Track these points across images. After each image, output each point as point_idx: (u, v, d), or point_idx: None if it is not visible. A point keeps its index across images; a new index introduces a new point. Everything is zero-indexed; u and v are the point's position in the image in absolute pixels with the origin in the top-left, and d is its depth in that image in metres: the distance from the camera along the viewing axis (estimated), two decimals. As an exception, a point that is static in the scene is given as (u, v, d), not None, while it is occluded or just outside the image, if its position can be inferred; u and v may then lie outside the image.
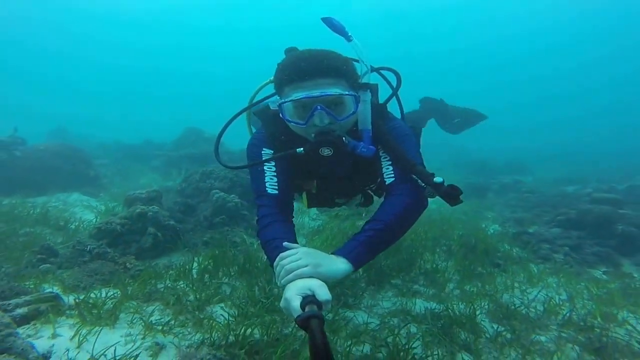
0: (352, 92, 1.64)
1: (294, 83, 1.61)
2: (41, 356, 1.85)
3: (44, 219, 4.67)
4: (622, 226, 4.20)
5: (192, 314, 2.58)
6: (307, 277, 1.36)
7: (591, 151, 18.27)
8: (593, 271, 3.92)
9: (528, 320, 2.88)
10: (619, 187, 7.36)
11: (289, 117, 1.66)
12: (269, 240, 1.60)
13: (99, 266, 3.26)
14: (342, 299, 3.06)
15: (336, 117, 1.62)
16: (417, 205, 1.77)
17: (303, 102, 1.60)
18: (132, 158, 12.36)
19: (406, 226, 1.77)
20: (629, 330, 2.72)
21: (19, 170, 6.21)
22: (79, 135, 16.61)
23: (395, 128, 1.87)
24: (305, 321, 1.10)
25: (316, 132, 1.63)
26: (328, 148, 1.62)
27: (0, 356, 1.69)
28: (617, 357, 2.40)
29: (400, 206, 1.71)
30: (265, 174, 1.78)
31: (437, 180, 1.63)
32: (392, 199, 1.75)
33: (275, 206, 1.73)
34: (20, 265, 3.22)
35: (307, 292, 1.27)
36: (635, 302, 3.19)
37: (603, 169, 11.80)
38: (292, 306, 1.23)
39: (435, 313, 2.89)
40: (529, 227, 5.20)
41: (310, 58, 1.62)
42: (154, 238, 3.91)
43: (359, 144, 1.69)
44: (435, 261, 3.88)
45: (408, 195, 1.73)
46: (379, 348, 2.35)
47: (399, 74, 1.97)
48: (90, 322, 2.29)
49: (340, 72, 1.63)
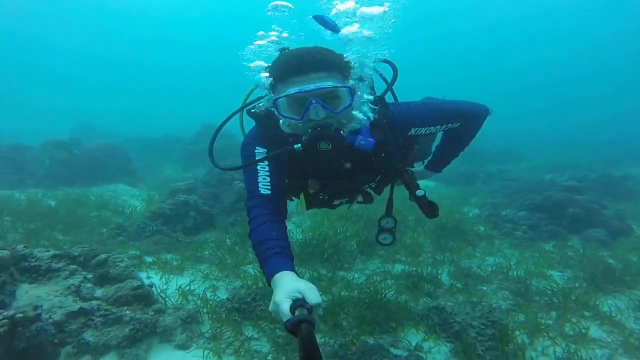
0: (347, 85, 1.59)
1: (287, 79, 1.57)
2: (148, 284, 2.90)
3: (104, 205, 5.76)
4: (572, 209, 5.05)
5: (232, 270, 3.61)
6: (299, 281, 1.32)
7: (591, 138, 18.60)
8: (544, 245, 4.80)
9: (479, 277, 3.82)
10: (591, 176, 8.10)
11: (284, 113, 1.61)
12: (260, 242, 1.55)
13: (159, 239, 4.32)
14: (339, 264, 4.04)
15: (332, 110, 1.56)
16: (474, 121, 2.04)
17: (297, 96, 1.55)
18: (154, 150, 13.18)
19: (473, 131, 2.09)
20: (549, 282, 3.63)
21: (77, 166, 7.38)
22: (104, 130, 17.52)
23: (395, 119, 1.83)
24: (295, 325, 1.08)
25: (313, 126, 1.56)
26: (326, 142, 1.55)
27: (127, 280, 2.75)
28: (535, 298, 3.34)
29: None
30: (259, 174, 1.72)
31: (419, 194, 1.81)
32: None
33: (267, 207, 1.66)
34: (103, 237, 4.29)
35: (297, 296, 1.22)
36: (566, 264, 4.10)
37: (590, 157, 12.40)
38: (282, 309, 1.18)
39: (409, 273, 3.85)
40: (502, 210, 6.05)
41: (302, 54, 1.59)
42: (194, 220, 4.93)
43: (357, 137, 1.64)
44: (415, 238, 4.81)
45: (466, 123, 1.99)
46: (363, 292, 3.32)
47: (396, 67, 1.92)
48: (166, 272, 3.34)
49: (333, 66, 1.59)
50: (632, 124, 23.19)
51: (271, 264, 1.44)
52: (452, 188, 8.83)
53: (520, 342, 2.59)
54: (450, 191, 8.44)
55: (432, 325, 2.82)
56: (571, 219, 4.97)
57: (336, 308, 2.95)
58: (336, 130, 1.58)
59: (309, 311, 1.16)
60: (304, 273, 3.73)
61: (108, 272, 2.93)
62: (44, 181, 7.14)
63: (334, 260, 4.05)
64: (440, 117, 1.88)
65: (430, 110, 1.89)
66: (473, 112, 1.97)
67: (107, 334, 2.39)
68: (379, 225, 2.15)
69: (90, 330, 2.40)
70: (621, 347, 2.63)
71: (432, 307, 2.97)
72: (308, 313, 1.14)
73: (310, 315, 1.14)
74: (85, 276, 2.88)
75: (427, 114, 1.87)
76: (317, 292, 1.26)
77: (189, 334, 2.57)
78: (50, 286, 2.72)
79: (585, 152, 14.27)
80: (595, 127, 24.05)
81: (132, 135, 16.08)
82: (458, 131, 1.98)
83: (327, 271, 3.83)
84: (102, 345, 2.32)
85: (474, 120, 1.99)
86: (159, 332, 2.52)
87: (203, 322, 2.72)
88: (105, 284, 2.89)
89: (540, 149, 15.86)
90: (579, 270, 3.85)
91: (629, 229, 4.95)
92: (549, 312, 3.05)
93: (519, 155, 14.40)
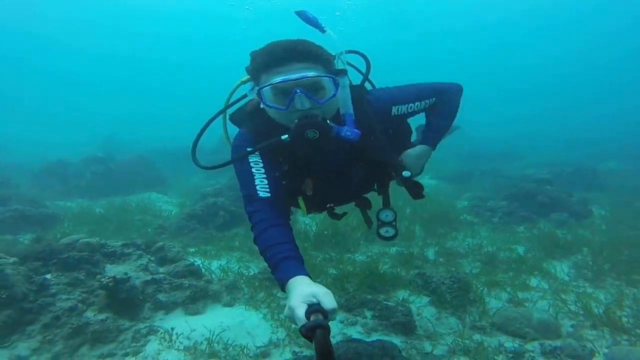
0: (330, 75, 1.58)
1: (271, 69, 1.55)
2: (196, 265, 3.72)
3: (145, 210, 6.64)
4: (540, 197, 5.79)
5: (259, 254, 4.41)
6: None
7: (585, 135, 18.97)
8: (517, 227, 5.53)
9: (458, 254, 4.57)
10: (567, 170, 8.82)
11: (269, 103, 1.58)
12: (267, 247, 1.52)
13: (196, 234, 5.15)
14: (346, 249, 4.81)
15: (317, 100, 1.54)
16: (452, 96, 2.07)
17: (281, 86, 1.53)
18: (179, 161, 13.89)
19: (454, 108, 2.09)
20: (512, 254, 4.38)
21: (114, 178, 8.34)
22: (128, 143, 18.19)
23: (376, 102, 1.83)
24: (310, 331, 1.06)
25: (299, 116, 1.54)
26: (313, 130, 1.52)
27: (180, 261, 3.58)
28: (500, 266, 4.08)
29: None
30: (255, 177, 1.66)
31: (405, 175, 1.86)
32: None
33: (269, 210, 1.61)
34: (149, 236, 5.13)
35: (312, 300, 1.20)
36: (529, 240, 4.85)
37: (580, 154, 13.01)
38: (297, 315, 1.17)
39: (402, 252, 4.61)
40: (487, 202, 6.77)
41: (284, 44, 1.58)
42: (224, 218, 5.76)
43: (342, 127, 1.62)
44: (408, 226, 5.57)
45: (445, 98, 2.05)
46: (364, 268, 4.08)
47: (368, 58, 1.92)
48: (207, 258, 4.16)
49: (316, 57, 1.58)
50: (621, 121, 23.48)
51: (284, 270, 1.42)
52: (449, 185, 9.58)
53: (480, 292, 3.35)
54: (447, 188, 9.19)
55: (416, 286, 3.58)
56: (539, 205, 5.70)
57: (342, 279, 3.72)
58: (323, 119, 1.56)
59: (324, 316, 1.13)
60: (317, 256, 4.50)
61: (166, 255, 3.75)
62: (88, 192, 8.08)
63: (342, 246, 4.84)
64: (416, 94, 1.94)
65: (406, 88, 1.96)
66: (445, 88, 2.05)
67: (174, 295, 3.20)
68: (378, 219, 2.10)
69: (161, 293, 3.22)
70: (550, 290, 3.48)
71: (417, 273, 3.74)
72: (323, 318, 1.12)
73: (325, 320, 1.12)
74: (149, 258, 3.70)
75: (404, 92, 1.94)
76: (333, 297, 1.24)
77: (233, 296, 3.37)
78: (126, 265, 3.55)
79: (576, 150, 14.85)
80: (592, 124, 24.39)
81: (158, 147, 16.73)
82: (437, 106, 2.04)
83: (335, 254, 4.61)
84: (171, 302, 3.13)
85: (447, 94, 2.04)
86: (211, 295, 3.32)
87: (242, 288, 3.52)
88: (164, 264, 3.71)
89: (537, 149, 16.42)
90: (537, 244, 4.60)
91: (589, 213, 5.68)
92: (507, 273, 3.81)
93: (517, 155, 14.96)
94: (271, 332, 2.79)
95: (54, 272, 3.05)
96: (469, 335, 2.78)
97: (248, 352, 2.52)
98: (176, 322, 2.90)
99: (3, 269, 2.58)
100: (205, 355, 2.49)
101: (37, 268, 3.03)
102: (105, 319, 2.69)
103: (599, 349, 2.56)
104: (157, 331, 2.74)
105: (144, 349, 2.56)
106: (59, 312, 2.62)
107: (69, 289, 2.87)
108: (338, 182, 1.94)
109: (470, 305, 3.15)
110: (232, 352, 2.50)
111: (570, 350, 2.56)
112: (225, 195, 6.77)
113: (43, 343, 2.44)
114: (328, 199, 2.06)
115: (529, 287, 3.53)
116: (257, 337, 2.71)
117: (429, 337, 2.77)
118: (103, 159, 8.69)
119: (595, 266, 3.94)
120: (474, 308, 3.12)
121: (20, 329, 2.50)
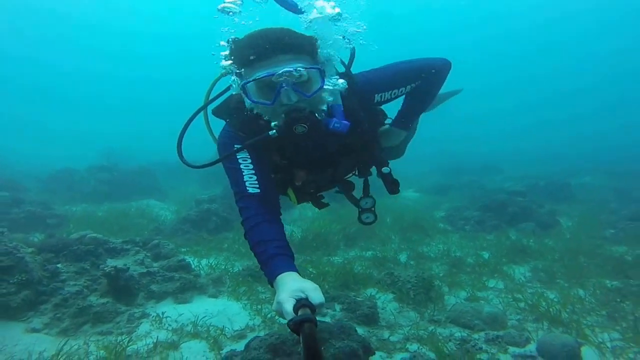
0: (316, 66, 1.50)
1: (255, 63, 1.45)
2: (186, 261, 4.03)
3: (142, 215, 6.96)
4: (511, 208, 6.15)
5: (245, 255, 4.72)
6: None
7: (564, 152, 19.31)
8: (487, 235, 5.86)
9: (428, 258, 4.89)
10: (540, 184, 9.20)
11: (254, 99, 1.50)
12: (257, 243, 1.49)
13: (189, 237, 5.47)
14: (327, 252, 5.13)
15: (304, 93, 1.46)
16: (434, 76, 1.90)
17: (266, 81, 1.45)
18: (176, 172, 14.30)
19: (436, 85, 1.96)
20: (478, 259, 4.70)
21: (116, 185, 8.71)
22: (128, 154, 18.60)
23: (361, 86, 1.75)
24: (298, 325, 1.05)
25: (286, 111, 1.46)
26: (302, 125, 1.44)
27: (173, 257, 3.89)
28: (467, 270, 4.40)
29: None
30: (243, 173, 1.61)
31: (385, 171, 1.85)
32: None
33: (259, 206, 1.57)
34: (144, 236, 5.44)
35: (300, 295, 1.19)
36: (495, 247, 5.17)
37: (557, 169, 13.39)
38: (285, 309, 1.15)
39: (377, 256, 4.92)
40: (463, 212, 7.11)
41: (268, 35, 1.48)
42: (216, 223, 6.08)
43: (331, 119, 1.55)
44: (386, 232, 5.90)
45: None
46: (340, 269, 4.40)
47: (354, 49, 1.85)
48: (197, 256, 4.48)
49: (302, 48, 1.49)
50: (603, 139, 23.79)
51: (272, 266, 1.41)
52: (431, 197, 9.93)
53: (441, 291, 3.67)
54: (428, 200, 9.54)
55: (384, 285, 3.89)
56: (510, 215, 6.05)
57: (320, 277, 4.03)
58: (311, 112, 1.49)
59: (312, 310, 1.14)
60: (298, 258, 4.80)
61: (160, 252, 4.07)
62: (91, 197, 8.41)
63: (323, 249, 5.15)
64: (402, 78, 1.83)
65: (390, 73, 1.83)
66: (430, 65, 1.87)
67: (165, 286, 3.51)
68: (359, 207, 2.09)
69: (154, 284, 3.53)
70: (505, 290, 3.79)
71: (386, 273, 4.05)
72: (311, 312, 1.13)
73: (313, 315, 1.12)
74: (145, 254, 4.01)
75: (387, 77, 1.82)
76: (321, 292, 1.23)
77: (218, 289, 3.68)
78: (125, 259, 3.86)
79: (555, 165, 15.24)
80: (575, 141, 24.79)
81: (157, 159, 17.10)
82: (420, 88, 1.90)
83: (317, 257, 4.92)
84: (162, 292, 3.44)
85: (432, 75, 1.88)
86: (198, 287, 3.63)
87: (226, 282, 3.83)
88: (159, 259, 4.02)
89: (517, 163, 16.83)
90: (502, 250, 4.93)
91: (556, 223, 6.03)
92: (470, 275, 4.13)
93: (498, 169, 15.37)
94: (249, 319, 3.10)
95: (64, 262, 3.49)
96: (425, 326, 3.08)
97: (227, 334, 2.83)
98: (166, 308, 3.21)
99: (23, 256, 2.97)
100: (189, 335, 2.80)
101: (50, 258, 3.46)
102: (106, 302, 3.05)
103: (535, 337, 2.87)
104: (149, 315, 3.06)
105: (137, 329, 2.88)
106: (67, 295, 3.04)
107: (76, 277, 3.32)
108: (325, 170, 1.92)
109: (430, 302, 3.46)
110: (213, 333, 2.80)
111: (510, 338, 2.87)
112: (219, 202, 7.09)
113: (53, 319, 2.86)
114: (316, 186, 2.04)
115: (486, 287, 3.83)
116: (235, 323, 3.01)
117: (389, 328, 3.07)
118: (107, 167, 9.11)
119: (551, 270, 4.25)
120: (434, 304, 3.43)
121: (35, 307, 2.92)
